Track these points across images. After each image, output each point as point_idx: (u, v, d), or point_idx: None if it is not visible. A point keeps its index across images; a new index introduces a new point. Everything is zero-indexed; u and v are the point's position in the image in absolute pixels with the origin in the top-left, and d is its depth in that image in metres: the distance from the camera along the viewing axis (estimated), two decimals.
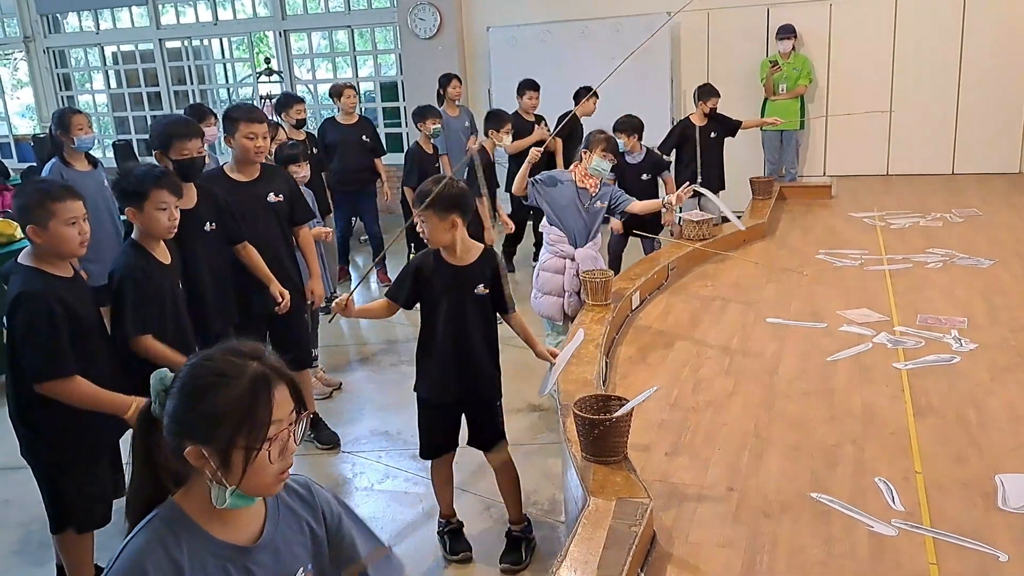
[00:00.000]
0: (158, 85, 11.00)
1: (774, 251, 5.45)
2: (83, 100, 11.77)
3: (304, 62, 10.56)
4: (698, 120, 6.44)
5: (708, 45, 8.34)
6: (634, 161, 5.58)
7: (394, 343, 5.58)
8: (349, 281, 7.34)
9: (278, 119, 6.15)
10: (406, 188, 6.11)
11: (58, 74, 11.54)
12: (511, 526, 3.16)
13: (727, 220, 5.13)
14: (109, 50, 11.37)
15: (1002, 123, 7.74)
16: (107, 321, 2.88)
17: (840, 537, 2.26)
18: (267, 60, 9.81)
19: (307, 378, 4.23)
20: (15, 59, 12.26)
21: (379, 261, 6.95)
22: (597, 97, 6.58)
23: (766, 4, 8.06)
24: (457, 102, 7.14)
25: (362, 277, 6.95)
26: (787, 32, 7.73)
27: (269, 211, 3.79)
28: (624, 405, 2.51)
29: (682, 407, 3.14)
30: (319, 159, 6.21)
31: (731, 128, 6.54)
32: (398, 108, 9.95)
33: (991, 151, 7.82)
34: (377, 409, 4.58)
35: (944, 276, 4.64)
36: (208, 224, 3.39)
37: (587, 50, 8.32)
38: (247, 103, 7.25)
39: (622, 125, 5.45)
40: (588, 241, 4.23)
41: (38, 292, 2.51)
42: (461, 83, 7.19)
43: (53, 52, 11.44)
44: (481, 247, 2.99)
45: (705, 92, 6.42)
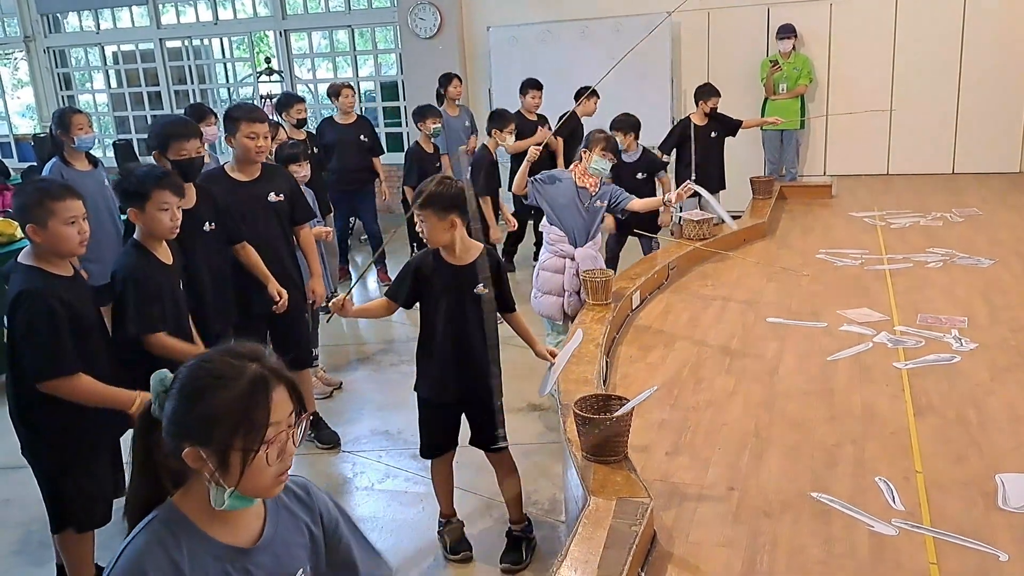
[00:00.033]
0: (158, 85, 11.00)
1: (774, 251, 5.44)
2: (83, 100, 11.77)
3: (304, 62, 10.56)
4: (698, 120, 6.43)
5: (708, 45, 8.34)
6: (630, 160, 5.58)
7: (394, 343, 5.59)
8: (349, 281, 7.35)
9: (279, 119, 6.16)
10: (406, 188, 6.12)
11: (58, 74, 11.54)
12: (511, 525, 3.16)
13: (714, 218, 5.16)
14: (109, 50, 11.38)
15: (1002, 122, 7.74)
16: (107, 321, 2.88)
17: (840, 537, 2.26)
18: (267, 60, 9.81)
19: (307, 378, 4.23)
20: (15, 59, 12.26)
21: (377, 258, 6.95)
22: (598, 97, 6.61)
23: (766, 4, 8.06)
24: (457, 102, 7.15)
25: (360, 275, 6.95)
26: (787, 32, 7.73)
27: (270, 211, 3.80)
28: (624, 405, 2.51)
29: (682, 407, 3.14)
30: (320, 158, 6.21)
31: (732, 128, 6.54)
32: (398, 108, 9.95)
33: (991, 150, 7.82)
34: (377, 409, 4.58)
35: (944, 276, 4.64)
36: (207, 224, 3.39)
37: (587, 50, 8.33)
38: (248, 103, 7.24)
39: (619, 124, 5.46)
40: (588, 240, 4.23)
41: (38, 291, 2.51)
42: (461, 83, 7.19)
43: (53, 52, 11.44)
44: (481, 247, 2.99)
45: (705, 92, 6.41)
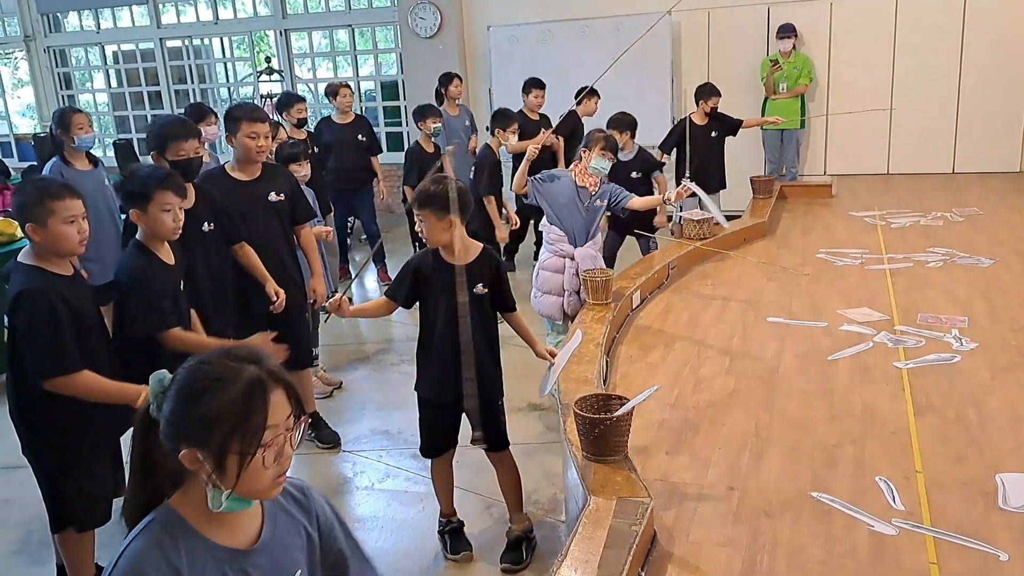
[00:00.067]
0: (159, 84, 11.00)
1: (775, 250, 5.44)
2: (84, 99, 11.77)
3: (305, 61, 10.56)
4: (699, 119, 6.43)
5: (708, 44, 8.34)
6: (625, 159, 5.58)
7: (394, 342, 5.59)
8: (349, 280, 7.35)
9: (279, 118, 6.16)
10: (406, 187, 6.12)
11: (59, 73, 11.54)
12: (512, 525, 3.16)
13: (714, 218, 5.13)
14: (110, 49, 11.38)
15: (1003, 122, 7.74)
16: (107, 321, 2.88)
17: (840, 536, 2.26)
18: (268, 59, 9.81)
19: (308, 377, 4.23)
20: (16, 58, 12.26)
21: (377, 257, 6.96)
22: (598, 97, 6.61)
23: (766, 3, 8.06)
24: (457, 101, 7.15)
25: (358, 273, 6.94)
26: (787, 31, 7.73)
27: (270, 210, 3.80)
28: (624, 404, 2.51)
29: (682, 406, 3.14)
30: (321, 158, 6.21)
31: (732, 127, 6.54)
32: (399, 107, 9.95)
33: (992, 150, 7.82)
34: (377, 408, 4.58)
35: (944, 275, 4.63)
36: (206, 224, 3.39)
37: (587, 50, 8.33)
38: (249, 102, 7.24)
39: (615, 122, 5.48)
40: (588, 240, 4.23)
41: (39, 290, 2.51)
42: (462, 82, 7.19)
43: (54, 51, 11.44)
44: (480, 246, 2.99)
45: (706, 91, 6.42)
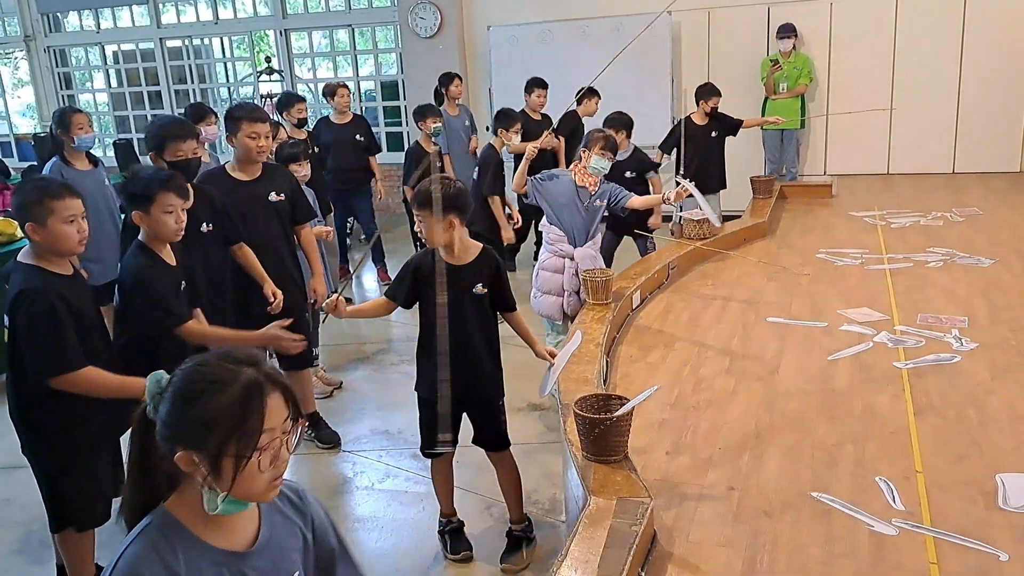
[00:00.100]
0: (159, 84, 11.00)
1: (775, 250, 5.44)
2: (84, 99, 11.77)
3: (305, 61, 10.56)
4: (699, 119, 6.43)
5: (709, 44, 8.34)
6: (620, 158, 5.58)
7: (395, 342, 5.59)
8: (349, 280, 7.35)
9: (279, 118, 6.16)
10: (406, 188, 6.11)
11: (59, 73, 11.53)
12: (512, 525, 3.16)
13: (717, 218, 5.12)
14: (110, 49, 11.38)
15: (1003, 122, 7.74)
16: (107, 321, 2.88)
17: (841, 536, 2.26)
18: (268, 59, 9.81)
19: (308, 377, 4.23)
20: (16, 58, 12.26)
21: (377, 257, 6.97)
22: (599, 97, 6.61)
23: (766, 3, 8.06)
24: (457, 101, 7.15)
25: (356, 269, 6.92)
26: (787, 31, 7.73)
27: (271, 210, 3.80)
28: (625, 404, 2.51)
29: (683, 406, 3.14)
30: (320, 158, 6.21)
31: (732, 127, 6.54)
32: (399, 107, 9.96)
33: (992, 150, 7.82)
34: (378, 408, 4.58)
35: (945, 275, 4.63)
36: (204, 225, 3.39)
37: (587, 50, 8.32)
38: (249, 102, 7.24)
39: (611, 122, 5.48)
40: (588, 240, 4.23)
41: (39, 290, 2.51)
42: (462, 82, 7.19)
43: (54, 51, 11.44)
44: (480, 247, 2.99)
45: (706, 91, 6.41)
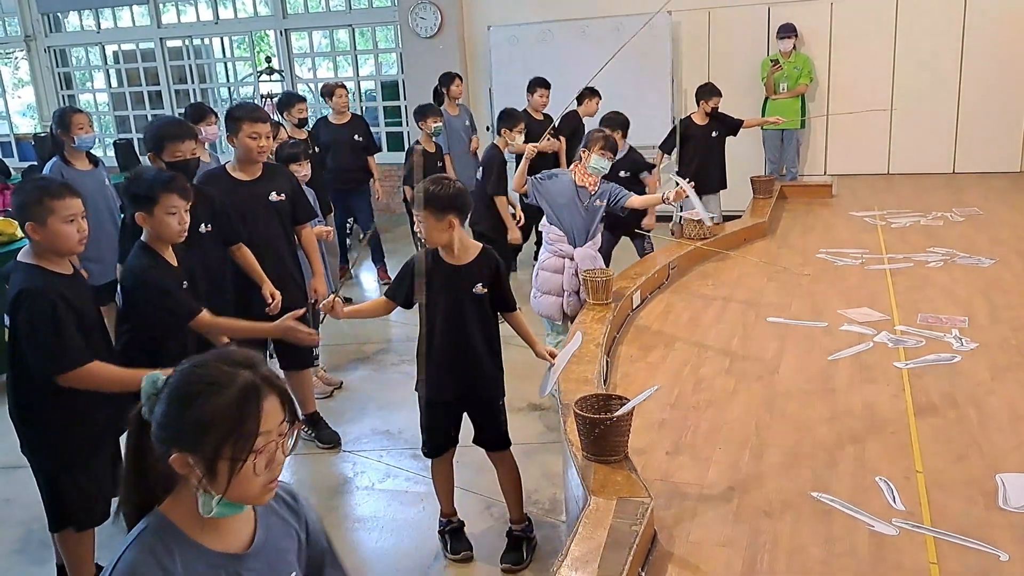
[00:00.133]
0: (159, 84, 11.00)
1: (775, 250, 5.44)
2: (84, 99, 11.77)
3: (305, 61, 10.56)
4: (699, 119, 6.44)
5: (709, 44, 8.34)
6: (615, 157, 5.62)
7: (395, 342, 5.59)
8: (350, 280, 7.35)
9: (280, 118, 6.16)
10: (406, 187, 6.11)
11: (59, 73, 11.54)
12: (512, 525, 3.16)
13: (714, 217, 5.09)
14: (110, 49, 11.38)
15: (1003, 121, 7.74)
16: (108, 321, 2.88)
17: (841, 536, 2.26)
18: (268, 59, 9.81)
19: (308, 377, 4.23)
20: (16, 58, 12.27)
21: (374, 253, 6.97)
22: (600, 97, 6.63)
23: (767, 3, 8.06)
24: (458, 101, 7.15)
25: (352, 263, 6.89)
26: (788, 31, 7.73)
27: (271, 210, 3.80)
28: (625, 404, 2.51)
29: (683, 406, 3.14)
30: (321, 157, 6.21)
31: (732, 127, 6.54)
32: (399, 107, 9.96)
33: (992, 150, 7.82)
34: (378, 408, 4.58)
35: (945, 275, 4.63)
36: (203, 226, 3.38)
37: (587, 49, 8.32)
38: (250, 102, 7.24)
39: (607, 121, 5.50)
40: (587, 240, 4.23)
41: (39, 289, 2.51)
42: (462, 81, 7.19)
43: (54, 51, 11.44)
44: (480, 246, 2.98)
45: (706, 91, 6.41)
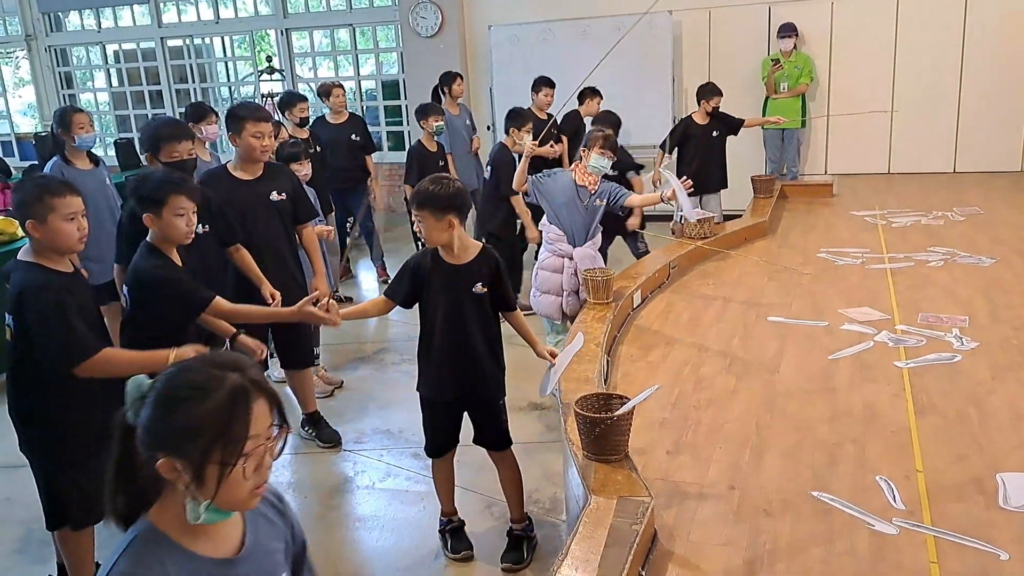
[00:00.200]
0: (160, 83, 11.00)
1: (775, 250, 5.44)
2: (84, 98, 11.77)
3: (306, 60, 10.56)
4: (700, 119, 6.44)
5: (709, 44, 8.33)
6: None
7: (396, 341, 5.59)
8: (351, 279, 7.36)
9: (281, 117, 6.17)
10: (407, 187, 6.11)
11: (60, 72, 11.54)
12: (512, 524, 3.16)
13: (714, 216, 5.05)
14: (111, 48, 11.38)
15: (1004, 121, 7.73)
16: (107, 321, 2.89)
17: (841, 536, 2.26)
18: (269, 58, 9.81)
19: (309, 376, 4.23)
20: (17, 57, 12.27)
21: (375, 255, 6.96)
22: (600, 97, 6.63)
23: (767, 2, 8.05)
24: (459, 100, 7.15)
25: (344, 254, 6.84)
26: (788, 30, 7.72)
27: (272, 210, 3.80)
28: (625, 403, 2.51)
29: (683, 406, 3.14)
30: (321, 156, 6.21)
31: (733, 127, 6.53)
32: (400, 106, 9.95)
33: (993, 149, 7.81)
34: (379, 408, 4.58)
35: (946, 274, 4.63)
36: (200, 226, 3.38)
37: (588, 49, 8.29)
38: (252, 102, 7.25)
39: (599, 120, 5.55)
40: (587, 240, 4.22)
41: (42, 285, 2.51)
42: (463, 81, 7.19)
43: (55, 50, 11.44)
44: (480, 246, 2.98)
45: (707, 91, 6.41)
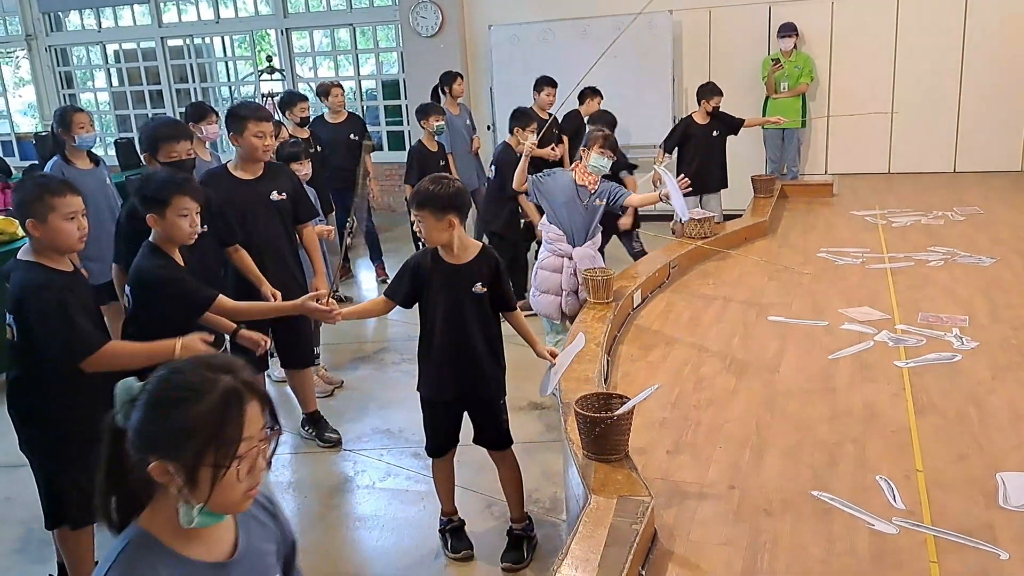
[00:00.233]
0: (160, 83, 11.01)
1: (776, 249, 5.44)
2: (85, 98, 11.78)
3: (306, 60, 10.56)
4: (700, 119, 6.44)
5: (710, 43, 8.33)
6: None
7: (396, 341, 5.59)
8: (351, 279, 7.36)
9: (281, 117, 6.17)
10: (407, 186, 6.11)
11: (60, 72, 11.54)
12: (513, 524, 3.16)
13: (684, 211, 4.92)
14: (111, 48, 11.39)
15: (1004, 121, 7.73)
16: (107, 321, 2.89)
17: (841, 535, 2.26)
18: (269, 58, 9.81)
19: (309, 376, 4.23)
20: (17, 57, 12.27)
21: (374, 255, 6.96)
22: (601, 97, 6.64)
23: (767, 2, 8.05)
24: (459, 100, 7.15)
25: (344, 242, 6.81)
26: (788, 30, 7.72)
27: (272, 209, 3.80)
28: (625, 403, 2.51)
29: (683, 405, 3.14)
30: (321, 156, 6.21)
31: (733, 127, 6.53)
32: (400, 106, 9.96)
33: (993, 149, 7.81)
34: (379, 407, 4.58)
35: (946, 274, 4.63)
36: (200, 226, 3.39)
37: (588, 49, 8.27)
38: (252, 101, 7.25)
39: (595, 120, 5.57)
40: (587, 239, 4.22)
41: (43, 283, 2.51)
42: (463, 80, 7.19)
43: (55, 50, 11.45)
44: (479, 246, 2.98)
45: (707, 91, 6.41)
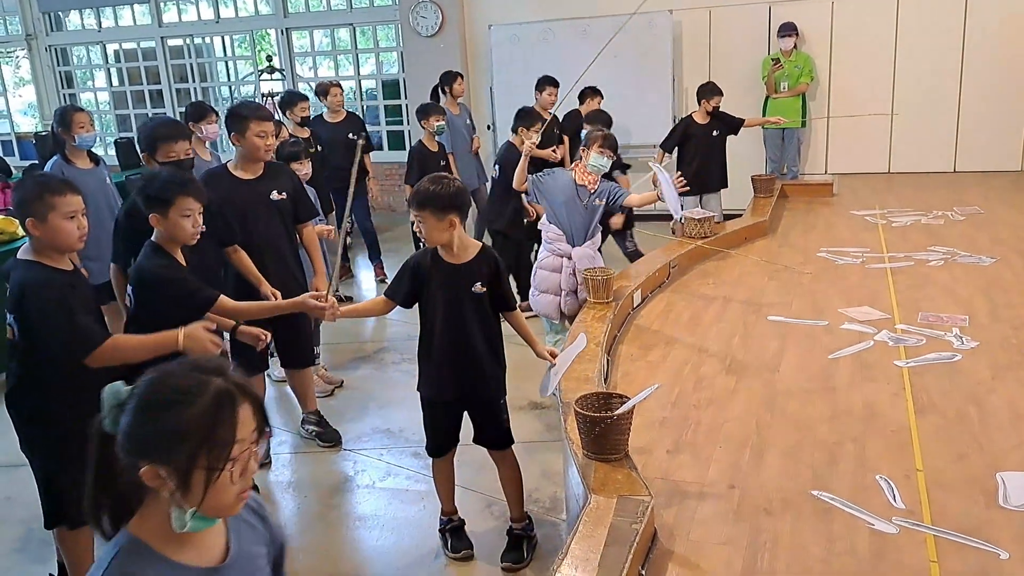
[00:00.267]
0: (160, 83, 11.01)
1: (776, 249, 5.44)
2: (85, 98, 11.78)
3: (306, 60, 10.56)
4: (700, 118, 6.44)
5: (710, 43, 8.33)
6: None
7: (396, 341, 5.59)
8: (351, 278, 7.36)
9: (281, 117, 6.17)
10: (407, 186, 6.11)
11: (60, 72, 11.54)
12: (513, 524, 3.16)
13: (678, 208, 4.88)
14: (111, 48, 11.39)
15: (1004, 121, 7.73)
16: (107, 320, 2.88)
17: (841, 535, 2.26)
18: (269, 58, 9.81)
19: (309, 376, 4.23)
20: (17, 57, 12.27)
21: (370, 251, 6.96)
22: (601, 97, 6.64)
23: (767, 2, 8.05)
24: (459, 100, 7.15)
25: (343, 234, 6.79)
26: (788, 30, 7.72)
27: (272, 209, 3.80)
28: (625, 403, 2.51)
29: (683, 405, 3.14)
30: (321, 155, 6.21)
31: (734, 126, 6.53)
32: (400, 106, 9.96)
33: (993, 149, 7.81)
34: (379, 407, 4.58)
35: (946, 274, 4.63)
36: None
37: (588, 48, 8.25)
38: (252, 101, 7.25)
39: (590, 119, 5.61)
40: (587, 239, 4.21)
41: (43, 282, 2.51)
42: (463, 80, 7.20)
43: (55, 50, 11.45)
44: (479, 245, 2.97)
45: (707, 90, 6.41)
